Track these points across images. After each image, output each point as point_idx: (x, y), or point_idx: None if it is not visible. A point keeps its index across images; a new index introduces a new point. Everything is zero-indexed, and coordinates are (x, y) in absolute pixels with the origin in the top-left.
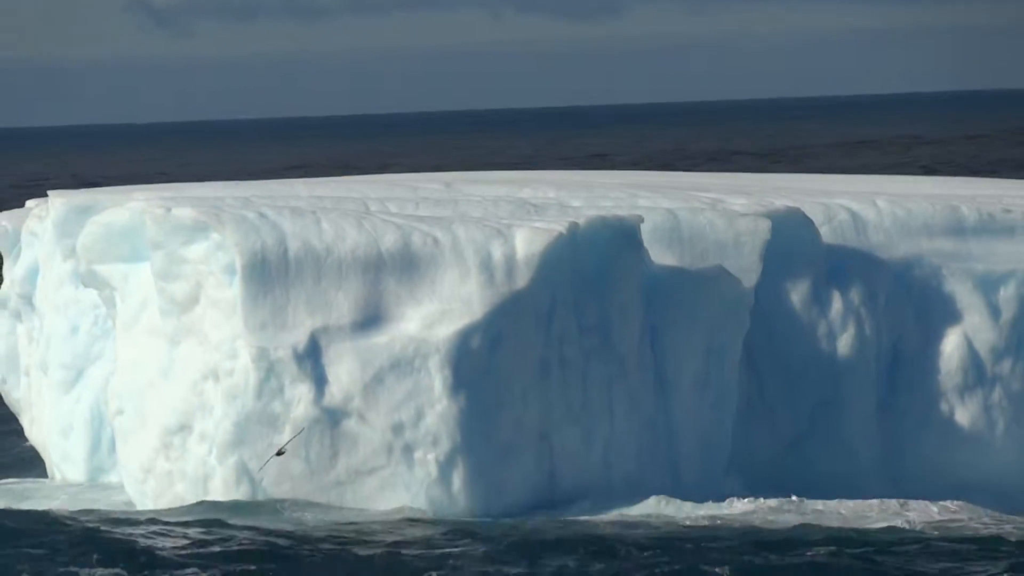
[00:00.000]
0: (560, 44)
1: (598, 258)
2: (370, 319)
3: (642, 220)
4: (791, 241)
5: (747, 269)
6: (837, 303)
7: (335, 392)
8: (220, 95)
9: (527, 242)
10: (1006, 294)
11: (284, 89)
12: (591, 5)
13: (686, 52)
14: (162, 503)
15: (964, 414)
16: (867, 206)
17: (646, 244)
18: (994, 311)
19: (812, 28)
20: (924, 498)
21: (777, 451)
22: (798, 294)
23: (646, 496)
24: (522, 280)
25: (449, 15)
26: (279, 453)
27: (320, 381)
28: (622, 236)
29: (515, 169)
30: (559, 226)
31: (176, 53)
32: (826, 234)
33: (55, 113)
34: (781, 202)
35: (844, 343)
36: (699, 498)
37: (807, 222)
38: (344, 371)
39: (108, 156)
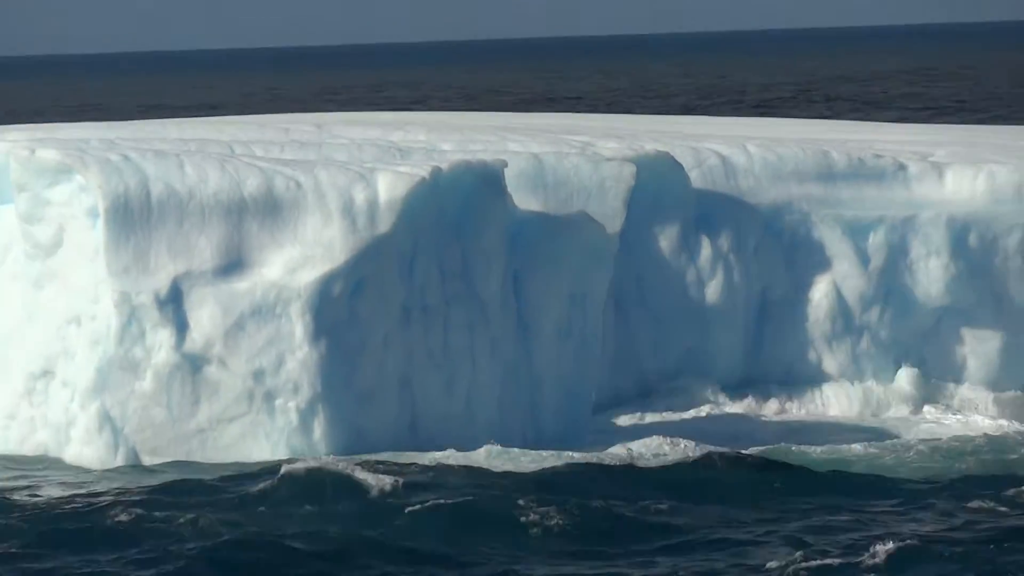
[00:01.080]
0: None
1: (461, 203)
2: (232, 264)
3: (506, 165)
4: (660, 186)
5: (611, 215)
6: (706, 249)
7: (196, 338)
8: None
9: (389, 187)
10: (875, 241)
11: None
12: None
13: None
14: (26, 449)
15: (832, 362)
16: (737, 151)
17: (510, 189)
18: (863, 258)
19: None
20: None
21: (643, 398)
22: (667, 240)
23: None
24: (384, 225)
25: None
26: None
27: (182, 327)
28: (485, 181)
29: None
30: (422, 171)
31: None
32: (696, 179)
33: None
34: (651, 146)
35: (713, 290)
36: (561, 445)
37: (676, 167)
38: (206, 317)
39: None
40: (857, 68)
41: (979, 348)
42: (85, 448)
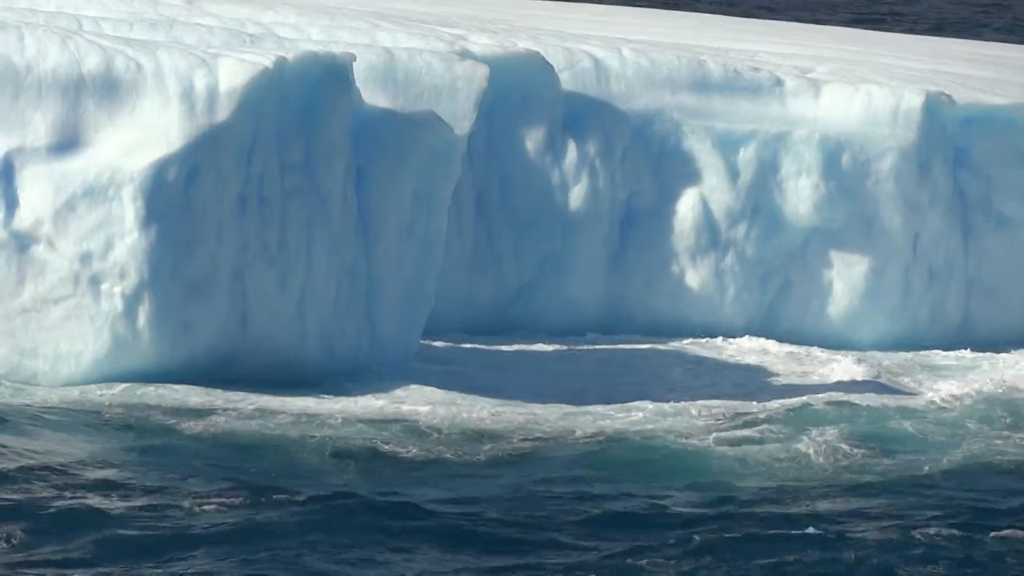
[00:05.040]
0: None
1: (306, 95)
2: (67, 143)
3: (354, 58)
4: (529, 87)
5: (461, 116)
6: (572, 153)
7: (25, 216)
8: None
9: (230, 75)
10: (745, 155)
11: None
12: None
13: None
14: None
15: (695, 276)
16: (611, 54)
17: (360, 84)
18: (732, 172)
19: None
20: None
21: (502, 302)
22: (533, 142)
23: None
24: (223, 113)
25: None
26: None
27: (11, 203)
28: (331, 74)
29: None
30: (266, 60)
31: None
32: (566, 81)
33: None
34: (523, 45)
35: (577, 195)
36: (397, 349)
37: (547, 67)
38: (36, 195)
39: None
40: None
41: (846, 272)
42: None
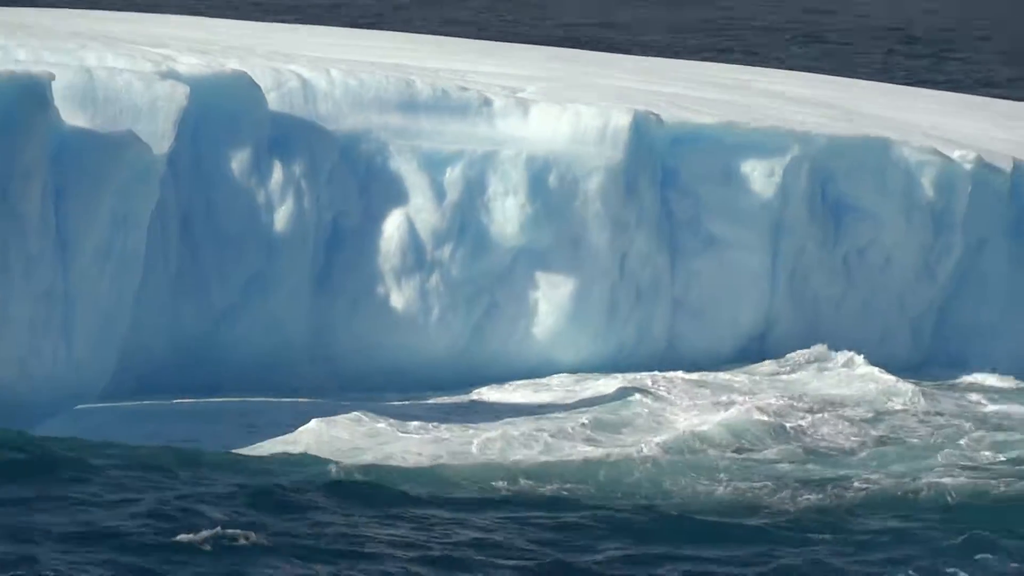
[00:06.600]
0: None
1: (2, 115)
2: None
3: (53, 78)
4: (236, 107)
5: (161, 136)
6: (278, 173)
7: None
8: None
9: None
10: (452, 175)
11: None
12: None
13: None
14: None
15: (399, 297)
16: (319, 74)
17: (59, 103)
18: (439, 192)
19: None
20: (355, 382)
21: (208, 324)
22: (239, 162)
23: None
24: None
25: None
26: None
27: None
28: (28, 93)
29: None
30: None
31: None
32: (273, 101)
33: None
34: (230, 65)
35: (282, 216)
36: (93, 370)
37: (253, 87)
38: None
39: None
40: None
41: (552, 292)
42: None
